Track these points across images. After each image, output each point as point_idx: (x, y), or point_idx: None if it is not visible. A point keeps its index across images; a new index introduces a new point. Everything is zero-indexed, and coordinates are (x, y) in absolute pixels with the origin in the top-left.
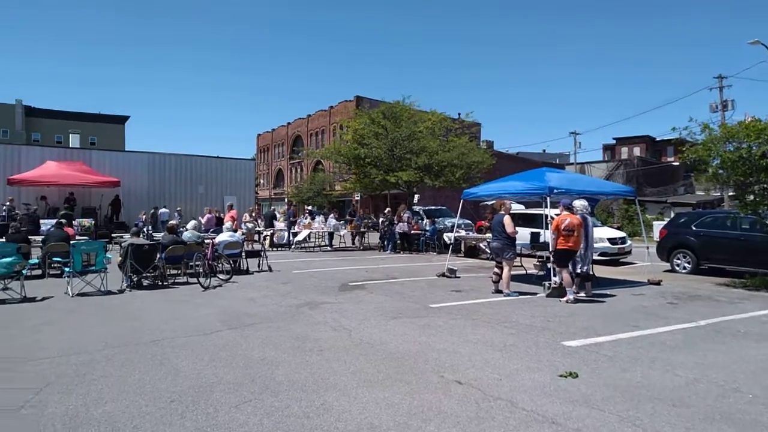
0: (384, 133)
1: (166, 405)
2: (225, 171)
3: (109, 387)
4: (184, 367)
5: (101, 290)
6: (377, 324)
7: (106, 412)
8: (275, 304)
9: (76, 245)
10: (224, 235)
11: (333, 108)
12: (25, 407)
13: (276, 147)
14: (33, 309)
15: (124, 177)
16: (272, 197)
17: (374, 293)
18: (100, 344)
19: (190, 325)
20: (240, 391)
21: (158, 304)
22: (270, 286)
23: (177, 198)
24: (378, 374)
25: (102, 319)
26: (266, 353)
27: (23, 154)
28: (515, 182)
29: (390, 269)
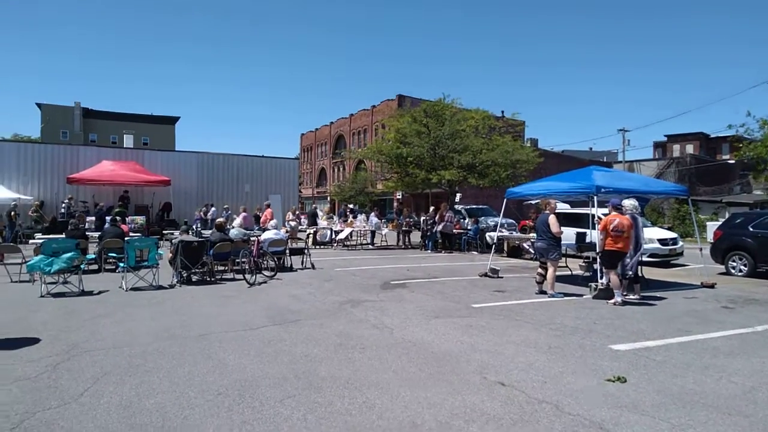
0: (426, 131)
1: (214, 398)
2: (270, 170)
3: (160, 379)
4: (231, 361)
5: (153, 285)
6: (419, 323)
7: (158, 402)
8: (318, 302)
9: (130, 242)
10: (269, 233)
11: (375, 107)
12: (84, 395)
13: (319, 146)
14: (90, 302)
15: (175, 176)
16: (315, 196)
17: (416, 292)
18: (151, 337)
19: (236, 321)
20: (284, 386)
21: (206, 300)
22: (313, 284)
23: (224, 196)
24: (420, 373)
25: (153, 313)
26: (309, 349)
27: (81, 154)
28: (561, 181)
29: (431, 268)
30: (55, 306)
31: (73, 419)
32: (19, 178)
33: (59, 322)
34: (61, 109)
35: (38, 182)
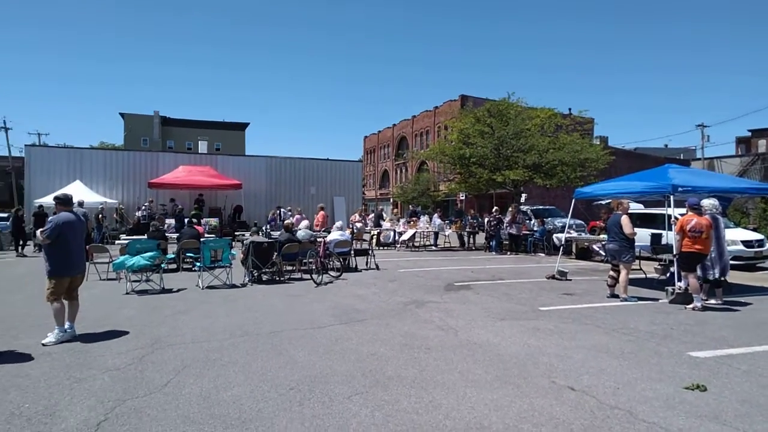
0: (490, 131)
1: (286, 392)
2: (334, 172)
3: (236, 372)
4: (301, 357)
5: (226, 284)
6: (484, 325)
7: (234, 395)
8: (383, 302)
9: (205, 242)
10: (335, 234)
11: (438, 108)
12: (167, 386)
13: (382, 148)
14: (170, 299)
15: (245, 179)
16: (378, 197)
17: (480, 294)
18: (226, 333)
19: (305, 319)
20: (352, 383)
21: (276, 298)
22: (377, 284)
23: (291, 198)
24: (486, 375)
25: (228, 311)
26: (376, 348)
27: (160, 159)
28: (634, 181)
29: (496, 270)
30: (139, 302)
31: (158, 408)
32: (105, 183)
33: (143, 318)
34: (141, 118)
35: (122, 187)
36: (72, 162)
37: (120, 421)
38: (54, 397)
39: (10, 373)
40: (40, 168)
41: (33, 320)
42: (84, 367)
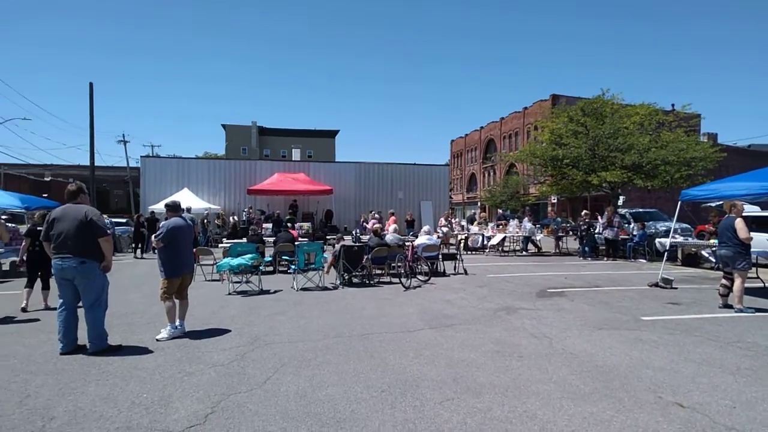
0: (584, 131)
1: (378, 394)
2: (421, 177)
3: (330, 373)
4: (392, 361)
5: (319, 286)
6: (580, 334)
7: (329, 394)
8: (472, 307)
9: (299, 246)
10: (423, 238)
11: (527, 109)
12: (267, 383)
13: (469, 151)
14: (268, 300)
15: (336, 185)
16: (465, 201)
17: (576, 301)
18: (320, 334)
19: (394, 322)
20: (443, 389)
21: (366, 301)
22: (466, 289)
23: (379, 203)
24: (584, 387)
25: (321, 312)
26: (466, 354)
27: (257, 167)
28: (749, 181)
29: (592, 276)
30: (239, 302)
31: (259, 403)
32: (209, 191)
33: (244, 317)
34: (241, 129)
35: (224, 193)
36: (180, 171)
37: (225, 415)
38: (167, 389)
39: (131, 365)
40: (153, 177)
41: (148, 317)
42: (193, 362)
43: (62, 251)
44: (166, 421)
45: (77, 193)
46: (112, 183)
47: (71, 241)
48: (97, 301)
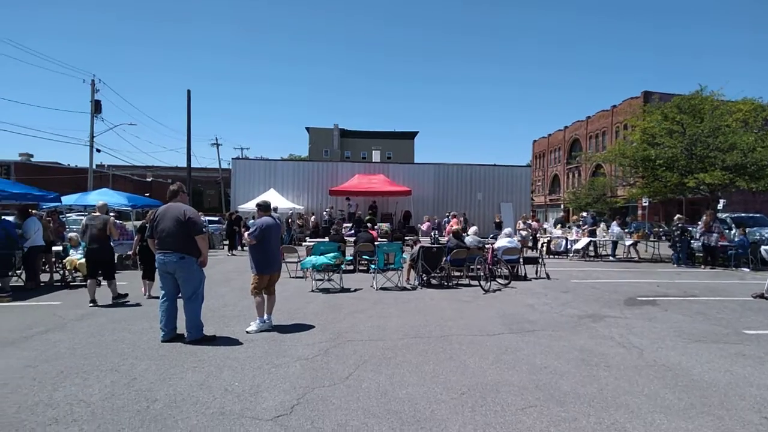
0: (680, 129)
1: (458, 397)
2: (501, 178)
3: (410, 372)
4: (471, 363)
5: (398, 286)
6: (674, 346)
7: (409, 393)
8: (555, 313)
9: (379, 246)
10: (503, 241)
11: (615, 107)
12: (349, 378)
13: (552, 152)
14: (349, 298)
15: (414, 186)
16: (548, 204)
17: (669, 311)
18: (399, 333)
19: (474, 325)
20: (525, 395)
21: (444, 303)
22: (548, 294)
23: (458, 204)
24: (678, 402)
25: (400, 312)
26: (549, 361)
27: (339, 169)
28: None
29: (687, 285)
30: (322, 299)
31: (341, 398)
32: (293, 191)
33: (326, 314)
34: (323, 131)
35: (307, 194)
36: (267, 172)
37: (310, 407)
38: (257, 379)
39: (223, 355)
40: (242, 178)
41: (239, 311)
42: (279, 355)
43: (164, 247)
44: (256, 410)
45: (177, 192)
46: (206, 183)
47: (171, 238)
48: (194, 294)
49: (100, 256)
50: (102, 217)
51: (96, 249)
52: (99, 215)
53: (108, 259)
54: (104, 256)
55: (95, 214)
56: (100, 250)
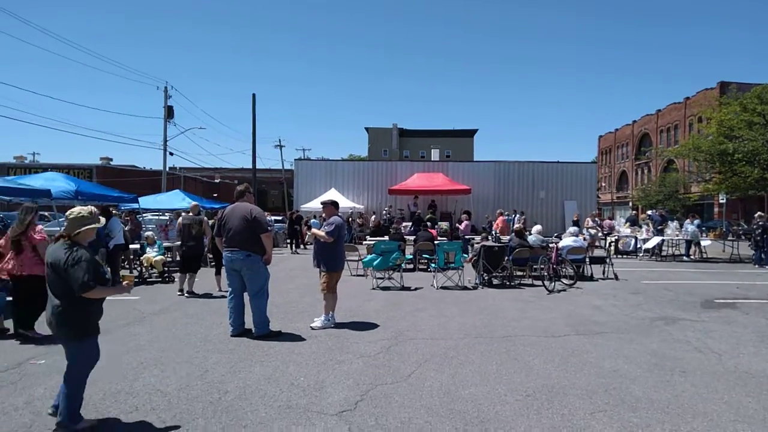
0: (762, 121)
1: (523, 398)
2: (565, 175)
3: (472, 372)
4: (536, 365)
5: (458, 285)
6: (758, 351)
7: (472, 393)
8: (624, 315)
9: (440, 245)
10: (568, 240)
11: (689, 99)
12: (411, 376)
13: (619, 148)
14: (409, 296)
15: (474, 185)
16: (614, 201)
17: (751, 314)
18: (461, 333)
19: (538, 326)
20: (593, 399)
21: (507, 303)
22: (617, 295)
23: (519, 203)
24: (763, 411)
25: (461, 311)
26: (619, 365)
27: (398, 168)
28: None
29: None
30: (382, 297)
31: (404, 396)
32: (353, 191)
33: (387, 312)
34: (382, 131)
35: (366, 193)
36: (328, 172)
37: (373, 403)
38: (321, 375)
39: (289, 350)
40: (304, 178)
41: (302, 307)
42: (342, 351)
43: (231, 245)
44: (321, 404)
45: (244, 192)
46: (269, 184)
47: (238, 237)
48: (260, 291)
49: (194, 252)
50: (198, 218)
51: (192, 246)
52: (194, 216)
53: (199, 254)
54: (197, 252)
55: (190, 214)
56: (195, 247)
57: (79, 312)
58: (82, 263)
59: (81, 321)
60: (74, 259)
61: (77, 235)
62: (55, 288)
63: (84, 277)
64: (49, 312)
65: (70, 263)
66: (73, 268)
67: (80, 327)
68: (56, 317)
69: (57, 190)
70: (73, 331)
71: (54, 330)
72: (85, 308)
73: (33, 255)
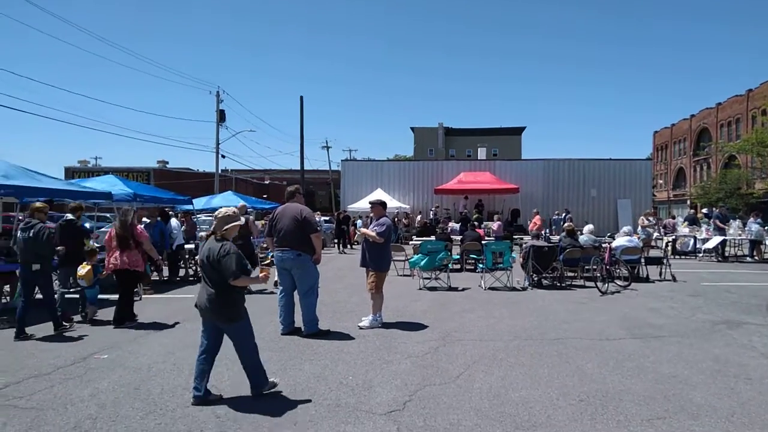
0: None
1: (576, 403)
2: (618, 173)
3: (522, 375)
4: (590, 369)
5: (507, 286)
6: None
7: (522, 397)
8: (683, 318)
9: (487, 245)
10: (622, 240)
11: (752, 92)
12: (460, 378)
13: (676, 143)
14: (456, 297)
15: (522, 183)
16: (671, 199)
17: None
18: (510, 335)
19: (590, 329)
20: (651, 405)
21: (557, 304)
22: (675, 297)
23: (569, 202)
24: None
25: (510, 312)
26: (679, 371)
27: (444, 168)
28: None
29: None
30: (429, 298)
31: (453, 397)
32: (399, 191)
33: (434, 312)
34: (428, 131)
35: (412, 193)
36: (374, 173)
37: (422, 404)
38: (369, 374)
39: (337, 349)
40: (351, 178)
41: (350, 307)
42: (390, 351)
43: (282, 245)
44: (369, 404)
45: (294, 193)
46: (317, 184)
47: (289, 237)
48: (310, 290)
49: (243, 250)
50: (244, 217)
51: (241, 245)
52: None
53: (249, 252)
54: (246, 250)
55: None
56: (243, 246)
57: (230, 297)
58: (231, 255)
59: (233, 304)
60: (225, 252)
61: (225, 231)
62: (210, 278)
63: (234, 266)
64: (204, 299)
65: (222, 255)
66: (225, 259)
67: (234, 309)
68: (212, 303)
69: (117, 193)
70: (229, 313)
71: (208, 314)
72: (234, 294)
73: (137, 251)
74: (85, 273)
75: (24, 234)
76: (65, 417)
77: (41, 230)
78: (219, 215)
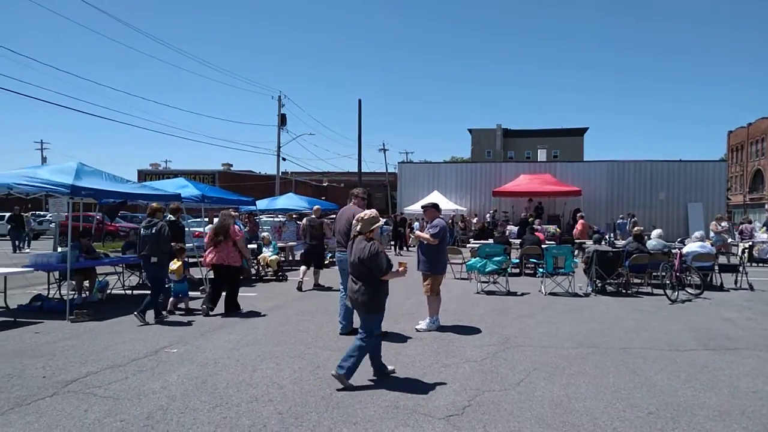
0: None
1: (644, 416)
2: (688, 175)
3: (586, 384)
4: (659, 381)
5: (569, 292)
6: None
7: (587, 407)
8: (762, 329)
9: (548, 249)
10: (693, 246)
11: None
12: (520, 385)
13: (753, 144)
14: (515, 302)
15: (585, 186)
16: (747, 203)
17: None
18: (573, 342)
19: (659, 339)
20: (727, 421)
21: (623, 312)
22: (753, 308)
23: (635, 205)
24: None
25: (572, 319)
26: (758, 385)
27: (502, 170)
28: None
29: None
30: (487, 302)
31: (513, 404)
32: (456, 193)
33: (493, 317)
34: (485, 132)
35: (470, 196)
36: (431, 175)
37: (481, 410)
38: (427, 377)
39: (395, 351)
40: (407, 181)
41: (406, 309)
42: (448, 355)
43: (339, 246)
44: (428, 407)
45: (350, 195)
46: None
47: (344, 238)
48: None
49: (316, 249)
50: (319, 220)
51: (314, 245)
52: (316, 218)
53: (320, 252)
54: (319, 250)
55: (313, 216)
56: (316, 246)
57: (375, 291)
58: (380, 254)
59: (376, 298)
60: (375, 251)
61: (371, 231)
62: (357, 273)
63: (383, 264)
64: (351, 292)
65: (372, 253)
66: (375, 257)
67: (376, 303)
68: (359, 296)
69: (186, 195)
70: (371, 305)
71: (354, 305)
72: (379, 288)
73: (233, 249)
74: (176, 268)
75: (147, 231)
76: (139, 407)
77: (162, 228)
78: (365, 217)
